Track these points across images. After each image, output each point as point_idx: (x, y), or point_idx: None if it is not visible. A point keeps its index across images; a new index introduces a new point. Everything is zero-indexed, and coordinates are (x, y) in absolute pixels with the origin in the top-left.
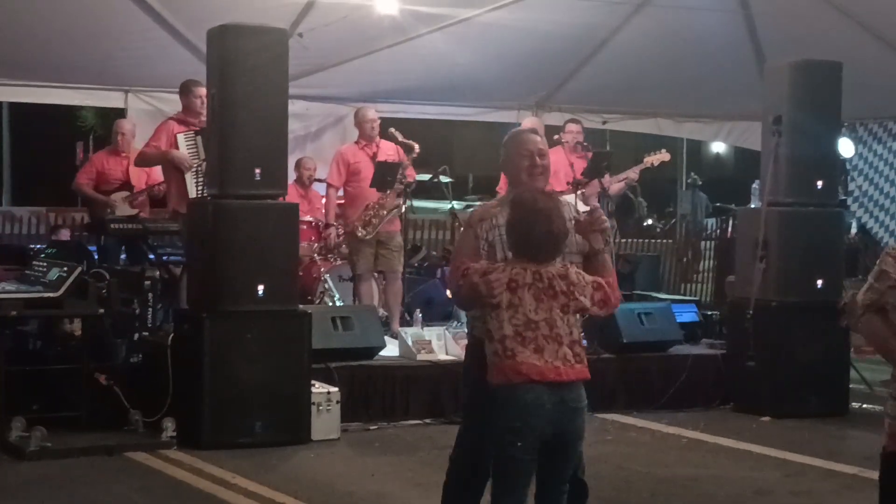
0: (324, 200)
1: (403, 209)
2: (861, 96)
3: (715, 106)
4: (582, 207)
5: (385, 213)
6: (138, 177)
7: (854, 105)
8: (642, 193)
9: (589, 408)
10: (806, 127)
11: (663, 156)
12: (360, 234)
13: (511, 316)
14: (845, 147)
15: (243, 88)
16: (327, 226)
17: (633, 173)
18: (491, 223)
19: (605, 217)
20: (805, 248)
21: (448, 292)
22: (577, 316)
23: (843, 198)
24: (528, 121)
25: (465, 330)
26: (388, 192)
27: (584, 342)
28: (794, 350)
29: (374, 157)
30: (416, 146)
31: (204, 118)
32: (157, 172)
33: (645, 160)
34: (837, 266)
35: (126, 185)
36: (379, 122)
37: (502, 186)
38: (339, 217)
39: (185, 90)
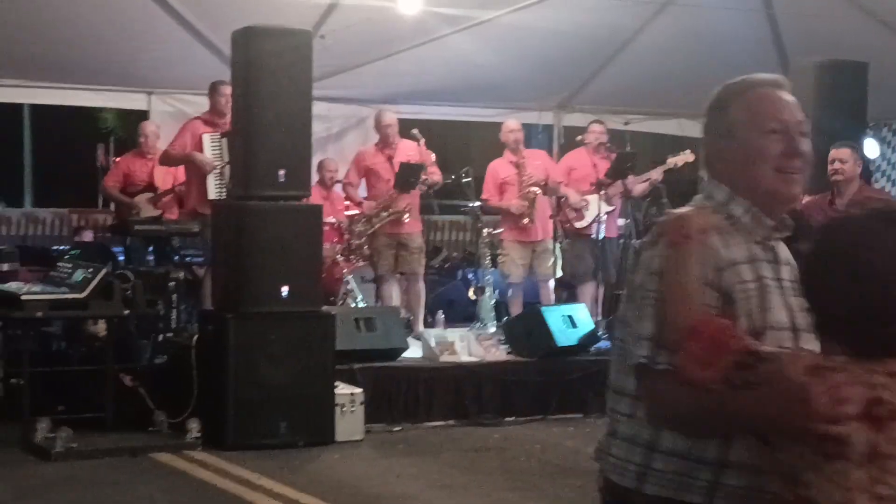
0: (347, 202)
1: (407, 211)
2: (884, 97)
3: None
4: (605, 208)
5: (386, 214)
6: (163, 178)
7: (878, 106)
8: (667, 194)
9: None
10: (831, 128)
11: (687, 156)
12: (356, 229)
13: (874, 479)
14: (870, 148)
15: (267, 90)
16: (358, 206)
17: (656, 174)
18: (720, 254)
19: None
20: None
21: (652, 388)
22: None
23: None
24: (509, 123)
25: (488, 330)
26: (412, 192)
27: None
28: None
29: (390, 159)
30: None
31: (229, 118)
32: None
33: (668, 161)
34: None
35: (150, 186)
36: (396, 125)
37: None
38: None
39: (213, 90)
